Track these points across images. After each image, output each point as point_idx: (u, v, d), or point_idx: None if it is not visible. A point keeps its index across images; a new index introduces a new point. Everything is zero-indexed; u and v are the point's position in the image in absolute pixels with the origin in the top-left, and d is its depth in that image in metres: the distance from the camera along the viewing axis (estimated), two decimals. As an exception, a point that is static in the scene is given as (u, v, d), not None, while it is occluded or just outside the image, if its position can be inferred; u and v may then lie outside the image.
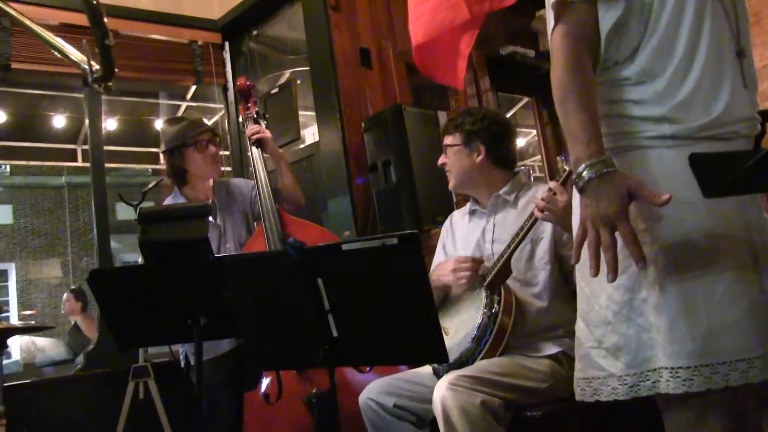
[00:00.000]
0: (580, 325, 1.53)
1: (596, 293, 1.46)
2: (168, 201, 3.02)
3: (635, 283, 1.38)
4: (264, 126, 3.13)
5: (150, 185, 2.92)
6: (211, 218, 2.94)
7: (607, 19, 1.41)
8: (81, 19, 3.94)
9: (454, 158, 2.49)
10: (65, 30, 3.87)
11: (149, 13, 4.24)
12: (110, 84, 2.69)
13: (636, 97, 1.40)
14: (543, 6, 1.55)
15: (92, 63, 1.59)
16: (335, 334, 1.82)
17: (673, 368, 1.31)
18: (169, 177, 3.02)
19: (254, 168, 2.98)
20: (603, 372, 1.43)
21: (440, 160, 2.55)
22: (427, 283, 1.72)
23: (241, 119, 3.22)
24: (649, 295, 1.36)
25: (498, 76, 4.29)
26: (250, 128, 3.08)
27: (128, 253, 14.39)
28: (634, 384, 1.37)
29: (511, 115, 6.66)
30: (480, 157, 2.44)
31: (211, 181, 3.04)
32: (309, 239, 2.83)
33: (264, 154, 3.04)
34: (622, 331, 1.39)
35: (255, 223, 3.02)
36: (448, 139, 2.52)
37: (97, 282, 2.11)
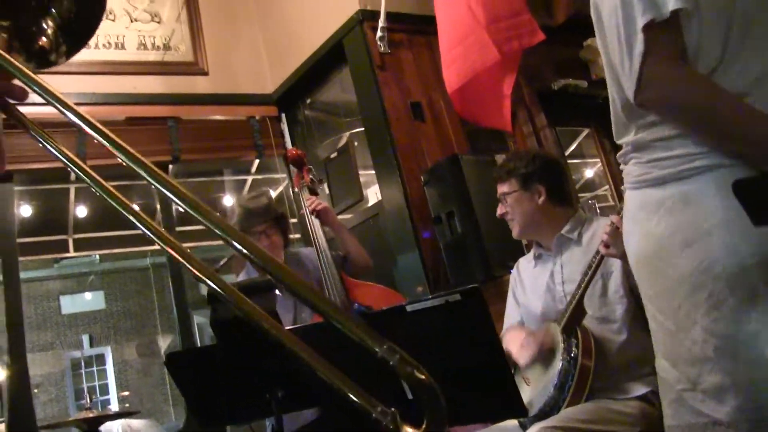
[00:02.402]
0: (664, 365, 1.41)
1: (684, 327, 1.32)
2: (241, 275, 3.08)
3: (741, 313, 1.25)
4: (321, 188, 3.17)
5: (221, 262, 2.99)
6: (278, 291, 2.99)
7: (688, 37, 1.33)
8: (144, 111, 4.16)
9: (515, 205, 2.43)
10: (130, 123, 4.07)
11: (208, 96, 4.42)
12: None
13: None
14: (589, 35, 1.55)
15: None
16: (410, 396, 1.80)
17: None
18: None
19: (314, 238, 3.00)
20: (704, 418, 1.29)
21: (499, 211, 2.49)
22: (495, 336, 1.69)
23: (296, 189, 3.25)
24: (763, 326, 1.22)
25: (553, 111, 4.25)
26: (308, 201, 3.11)
27: (215, 326, 14.66)
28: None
29: (575, 147, 6.56)
30: (542, 198, 2.39)
31: (282, 257, 3.09)
32: (373, 300, 2.86)
33: (323, 225, 3.05)
34: (729, 368, 1.25)
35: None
36: (503, 188, 2.46)
37: (174, 364, 2.16)
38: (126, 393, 16.76)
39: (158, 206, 4.32)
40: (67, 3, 1.23)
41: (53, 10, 1.21)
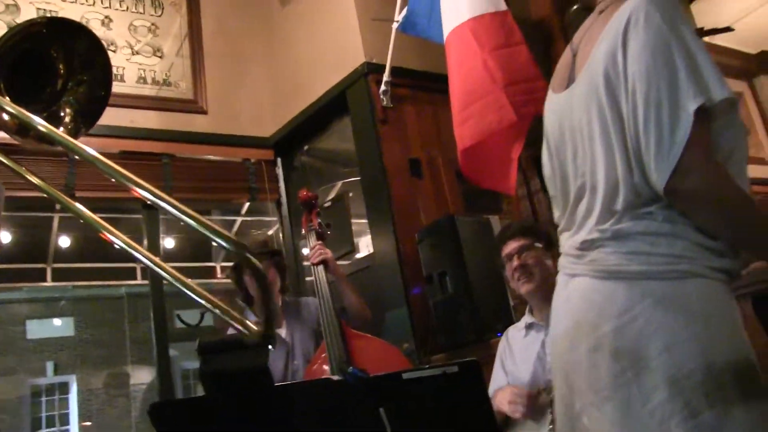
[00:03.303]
0: None
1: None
2: None
3: (717, 426, 1.23)
4: (327, 233, 3.15)
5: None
6: (279, 334, 2.96)
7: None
8: (139, 145, 4.14)
9: (539, 260, 2.46)
10: (124, 157, 4.04)
11: (204, 135, 4.40)
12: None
13: None
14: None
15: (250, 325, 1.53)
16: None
17: None
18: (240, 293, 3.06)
19: (316, 284, 2.97)
20: None
21: (517, 262, 2.48)
22: (490, 410, 1.68)
23: (303, 231, 3.22)
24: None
25: (548, 176, 4.28)
26: (312, 250, 3.08)
27: (186, 360, 14.49)
28: None
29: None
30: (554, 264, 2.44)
31: (280, 301, 3.06)
32: (372, 353, 2.83)
33: (327, 274, 3.02)
34: None
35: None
36: (522, 242, 2.49)
37: (159, 415, 2.10)
38: (88, 423, 16.36)
39: (146, 241, 4.26)
40: (81, 89, 1.28)
41: (71, 98, 1.27)
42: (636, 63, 1.32)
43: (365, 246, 4.14)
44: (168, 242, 5.59)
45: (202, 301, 1.77)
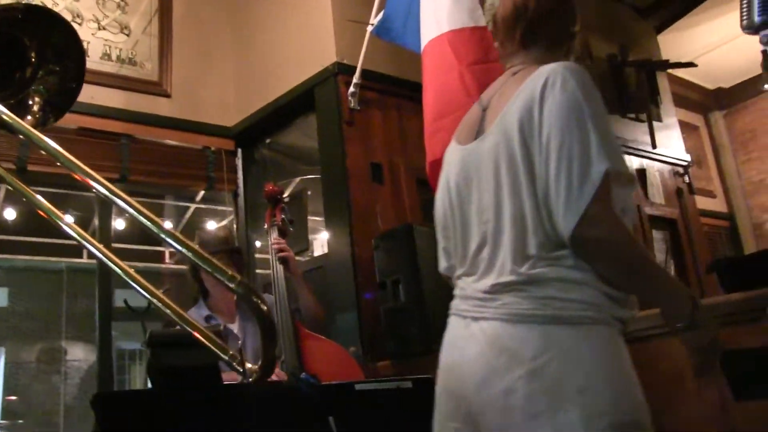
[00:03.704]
0: None
1: None
2: (191, 312, 2.97)
3: None
4: (290, 230, 3.12)
5: (165, 287, 2.88)
6: (231, 329, 2.92)
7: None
8: (98, 123, 4.05)
9: None
10: (81, 134, 3.95)
11: (166, 119, 4.34)
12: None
13: None
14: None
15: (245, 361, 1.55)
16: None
17: None
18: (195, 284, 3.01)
19: (275, 283, 2.93)
20: None
21: None
22: (440, 428, 1.69)
23: (265, 226, 3.16)
24: None
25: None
26: (275, 243, 3.04)
27: (123, 340, 14.19)
28: None
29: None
30: None
31: (235, 296, 3.01)
32: (324, 355, 2.83)
33: (285, 272, 2.99)
34: None
35: None
36: None
37: (102, 406, 2.05)
38: (13, 397, 15.90)
39: (96, 221, 4.17)
40: (52, 79, 1.25)
41: (41, 87, 1.24)
42: (552, 117, 1.42)
43: (319, 245, 4.13)
44: (119, 223, 5.47)
45: (155, 300, 1.74)
